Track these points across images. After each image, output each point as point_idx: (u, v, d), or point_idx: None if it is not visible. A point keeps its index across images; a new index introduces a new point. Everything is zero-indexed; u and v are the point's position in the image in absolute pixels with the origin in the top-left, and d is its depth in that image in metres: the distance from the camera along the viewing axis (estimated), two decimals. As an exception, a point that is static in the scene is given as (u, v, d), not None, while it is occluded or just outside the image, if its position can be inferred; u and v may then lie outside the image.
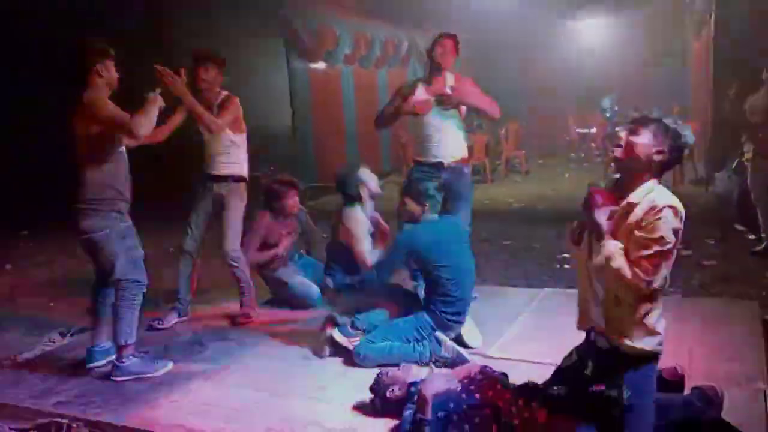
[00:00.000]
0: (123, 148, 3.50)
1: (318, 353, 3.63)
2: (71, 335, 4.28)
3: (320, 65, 10.53)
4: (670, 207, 2.26)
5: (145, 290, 3.58)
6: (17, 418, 3.19)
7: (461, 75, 4.45)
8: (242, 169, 4.39)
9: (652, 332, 2.36)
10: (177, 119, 4.14)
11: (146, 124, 3.34)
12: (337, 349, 3.59)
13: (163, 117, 3.70)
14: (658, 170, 2.38)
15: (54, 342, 4.18)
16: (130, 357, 3.52)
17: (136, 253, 3.54)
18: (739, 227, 6.25)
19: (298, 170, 10.31)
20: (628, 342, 2.35)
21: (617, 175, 2.50)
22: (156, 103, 3.43)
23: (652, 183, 2.36)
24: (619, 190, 2.43)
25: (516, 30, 13.13)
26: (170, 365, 3.61)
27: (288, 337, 4.01)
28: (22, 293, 5.64)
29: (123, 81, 3.54)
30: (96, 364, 3.61)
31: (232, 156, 4.35)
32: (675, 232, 2.25)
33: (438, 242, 3.57)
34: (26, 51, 8.27)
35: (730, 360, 3.22)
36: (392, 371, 2.93)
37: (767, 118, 5.17)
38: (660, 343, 2.38)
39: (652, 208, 2.26)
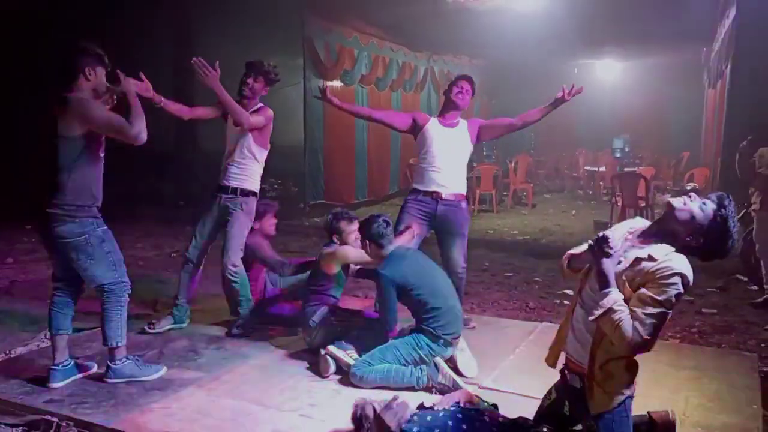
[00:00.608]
0: (103, 153, 3.40)
1: (321, 373, 3.60)
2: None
3: (336, 83, 10.62)
4: (683, 276, 2.26)
5: (130, 291, 3.51)
6: (7, 413, 3.19)
7: (480, 99, 4.59)
8: (253, 184, 4.38)
9: (629, 382, 2.39)
10: (206, 111, 4.48)
11: (143, 126, 3.27)
12: (338, 367, 3.58)
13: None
14: (685, 247, 2.36)
15: (48, 339, 4.18)
16: (124, 359, 3.48)
17: (116, 256, 3.43)
18: (742, 278, 6.24)
19: (306, 186, 10.38)
20: (601, 399, 2.37)
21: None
22: (132, 93, 3.36)
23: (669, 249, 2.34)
24: (648, 231, 2.43)
25: (534, 63, 13.26)
26: (164, 370, 3.58)
27: (284, 350, 4.01)
28: (22, 288, 5.64)
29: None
30: (58, 384, 3.40)
31: (247, 169, 4.35)
32: (678, 299, 2.25)
33: (408, 265, 3.62)
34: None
35: (726, 411, 3.20)
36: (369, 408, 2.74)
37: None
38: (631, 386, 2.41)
39: (666, 269, 2.26)
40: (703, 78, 12.43)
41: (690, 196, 2.42)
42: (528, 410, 2.76)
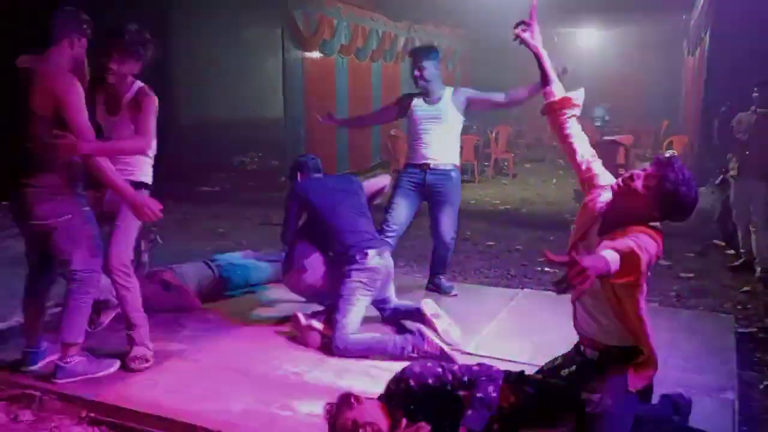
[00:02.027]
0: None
1: (308, 345, 3.58)
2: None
3: (315, 54, 10.49)
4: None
5: (99, 284, 3.27)
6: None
7: (461, 69, 4.55)
8: (144, 174, 3.51)
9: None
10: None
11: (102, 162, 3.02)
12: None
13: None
14: (650, 220, 2.33)
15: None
16: (75, 357, 3.19)
17: (97, 242, 3.18)
18: (719, 242, 6.34)
19: (287, 159, 10.29)
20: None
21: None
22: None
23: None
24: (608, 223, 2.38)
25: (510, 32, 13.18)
26: (117, 365, 3.29)
27: (268, 322, 4.01)
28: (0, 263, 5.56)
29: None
30: (35, 368, 3.26)
31: (136, 160, 3.46)
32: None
33: (317, 184, 3.89)
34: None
35: (702, 371, 3.28)
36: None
37: (754, 136, 5.23)
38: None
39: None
40: (683, 46, 12.46)
41: (628, 174, 2.36)
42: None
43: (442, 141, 4.37)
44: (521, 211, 8.65)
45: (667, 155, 2.51)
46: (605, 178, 2.58)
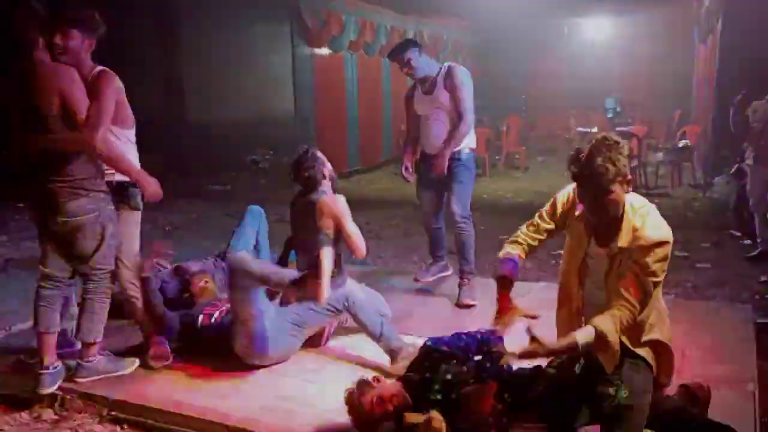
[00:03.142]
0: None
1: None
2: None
3: (324, 51, 10.48)
4: (666, 242, 2.24)
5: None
6: (8, 388, 3.21)
7: (465, 66, 4.48)
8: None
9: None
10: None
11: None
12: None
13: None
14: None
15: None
16: (96, 355, 3.20)
17: (116, 242, 3.16)
18: (735, 232, 6.28)
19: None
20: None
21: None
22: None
23: (629, 205, 2.30)
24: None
25: (524, 23, 13.11)
26: (137, 363, 3.31)
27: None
28: (17, 265, 5.63)
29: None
30: (48, 390, 3.10)
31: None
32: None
33: None
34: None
35: (721, 362, 3.25)
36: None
37: (770, 124, 5.19)
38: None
39: (645, 241, 2.23)
40: (694, 34, 12.32)
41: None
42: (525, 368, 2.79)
43: (434, 125, 4.29)
44: (534, 204, 8.58)
45: (680, 145, 2.50)
46: (560, 205, 2.57)
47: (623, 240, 2.27)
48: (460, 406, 2.48)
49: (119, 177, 3.19)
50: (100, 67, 3.08)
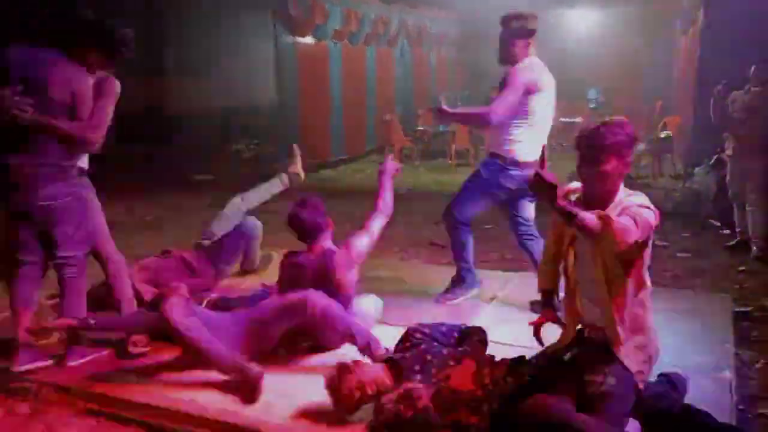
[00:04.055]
0: None
1: None
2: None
3: (308, 40, 10.40)
4: (653, 211, 2.29)
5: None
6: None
7: (454, 54, 4.37)
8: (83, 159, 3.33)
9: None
10: None
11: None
12: None
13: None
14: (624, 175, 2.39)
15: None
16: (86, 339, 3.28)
17: (89, 226, 3.21)
18: (714, 222, 6.34)
19: (281, 145, 10.23)
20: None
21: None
22: None
23: (623, 192, 2.39)
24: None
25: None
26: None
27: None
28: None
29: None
30: (26, 366, 3.13)
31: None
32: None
33: None
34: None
35: (700, 351, 3.28)
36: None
37: (750, 114, 5.21)
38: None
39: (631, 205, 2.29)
40: (676, 25, 12.38)
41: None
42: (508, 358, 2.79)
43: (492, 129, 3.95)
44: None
45: (662, 135, 2.55)
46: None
47: (612, 213, 2.26)
48: (442, 385, 2.49)
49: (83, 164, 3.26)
50: (101, 72, 3.17)
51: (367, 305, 3.52)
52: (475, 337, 2.80)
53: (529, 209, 3.98)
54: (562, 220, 2.24)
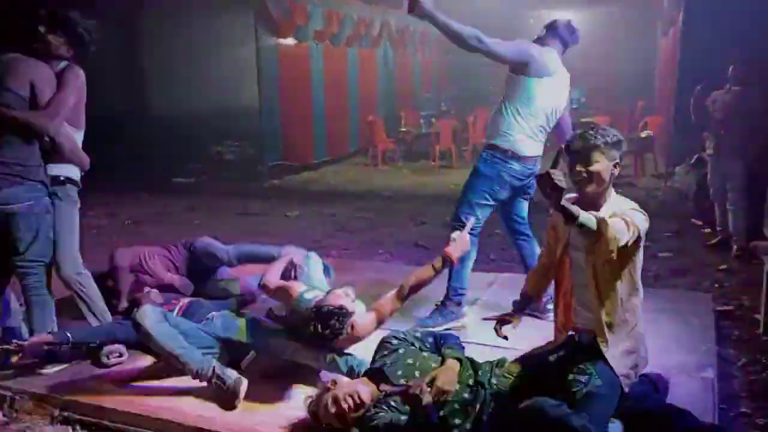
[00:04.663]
0: None
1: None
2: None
3: (290, 41, 10.34)
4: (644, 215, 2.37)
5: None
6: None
7: (437, 55, 4.28)
8: (71, 169, 3.26)
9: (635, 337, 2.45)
10: None
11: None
12: None
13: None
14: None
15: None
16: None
17: (51, 233, 3.12)
18: (696, 221, 6.38)
19: (263, 147, 10.17)
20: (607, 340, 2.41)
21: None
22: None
23: (614, 196, 2.46)
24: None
25: (490, 15, 13.13)
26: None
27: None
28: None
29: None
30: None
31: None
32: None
33: None
34: None
35: (682, 350, 3.28)
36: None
37: (730, 114, 5.25)
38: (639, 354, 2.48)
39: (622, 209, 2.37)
40: (657, 25, 12.49)
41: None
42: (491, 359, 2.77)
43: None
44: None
45: (642, 135, 2.60)
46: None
47: (604, 214, 2.30)
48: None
49: (57, 171, 3.15)
50: (65, 61, 3.10)
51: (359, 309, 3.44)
52: (451, 341, 2.76)
53: (524, 207, 3.87)
54: (563, 219, 2.24)
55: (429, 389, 2.38)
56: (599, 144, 2.37)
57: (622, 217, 2.26)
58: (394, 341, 2.69)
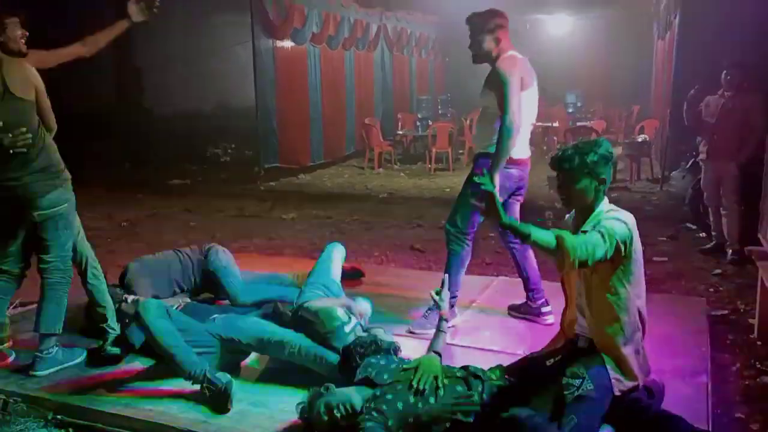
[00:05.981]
0: None
1: None
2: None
3: (287, 43, 10.35)
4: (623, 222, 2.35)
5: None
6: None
7: (434, 57, 4.31)
8: None
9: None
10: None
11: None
12: None
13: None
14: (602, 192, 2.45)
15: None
16: (54, 347, 3.20)
17: (74, 232, 3.22)
18: (691, 225, 6.39)
19: (260, 149, 10.17)
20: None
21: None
22: None
23: (602, 205, 2.45)
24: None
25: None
26: (85, 353, 3.33)
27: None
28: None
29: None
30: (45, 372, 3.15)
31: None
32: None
33: None
34: None
35: (676, 355, 3.28)
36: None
37: (722, 119, 5.26)
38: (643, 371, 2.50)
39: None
40: (653, 30, 12.53)
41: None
42: (486, 363, 2.77)
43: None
44: (496, 198, 8.63)
45: (639, 139, 2.59)
46: None
47: (587, 227, 2.36)
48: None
49: None
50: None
51: (365, 307, 3.45)
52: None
53: (516, 210, 3.82)
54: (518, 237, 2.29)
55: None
56: (579, 165, 2.38)
57: (599, 230, 2.28)
58: (360, 350, 2.71)
